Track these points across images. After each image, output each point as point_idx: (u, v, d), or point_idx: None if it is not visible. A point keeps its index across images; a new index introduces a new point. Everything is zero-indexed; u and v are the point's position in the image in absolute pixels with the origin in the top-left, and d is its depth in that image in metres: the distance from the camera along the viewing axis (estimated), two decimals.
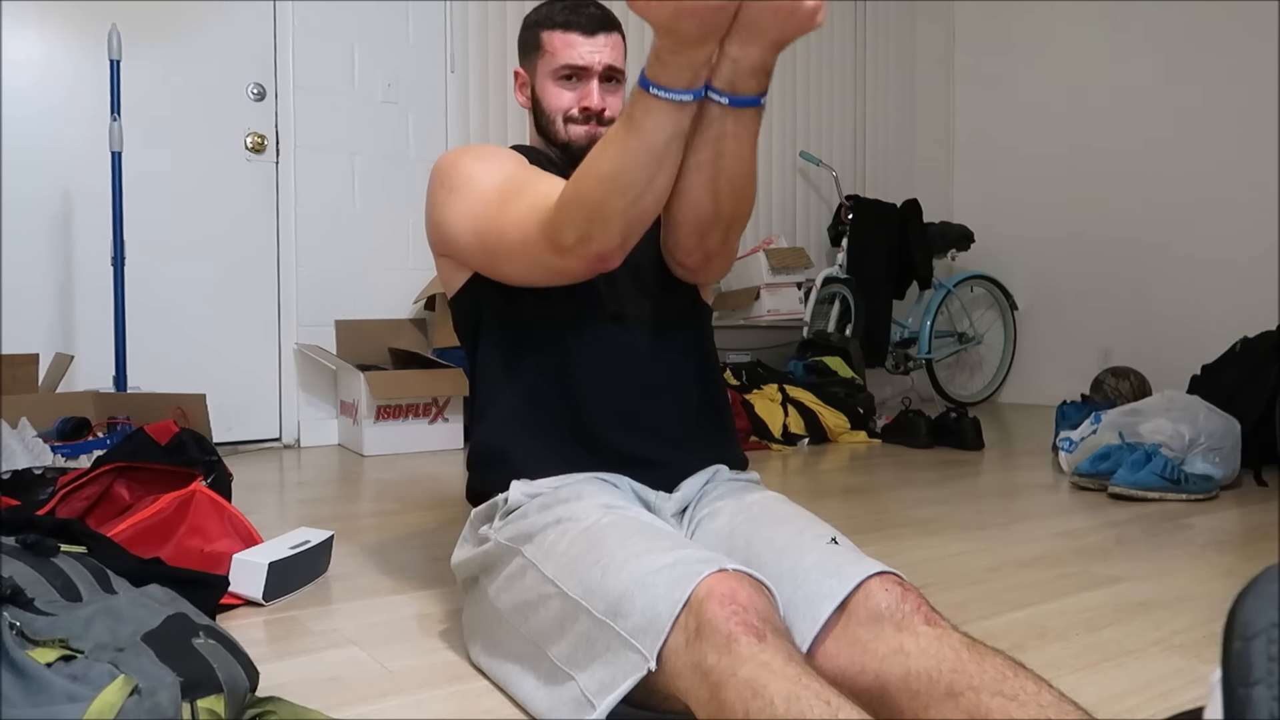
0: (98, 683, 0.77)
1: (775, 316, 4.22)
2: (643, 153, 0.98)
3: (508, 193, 1.15)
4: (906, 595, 0.89)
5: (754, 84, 0.98)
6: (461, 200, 1.20)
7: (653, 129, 0.97)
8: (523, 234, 1.10)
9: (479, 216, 1.17)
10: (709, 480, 1.19)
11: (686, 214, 1.10)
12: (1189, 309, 4.31)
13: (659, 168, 1.00)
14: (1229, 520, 2.10)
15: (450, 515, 2.13)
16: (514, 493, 1.13)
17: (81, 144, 3.02)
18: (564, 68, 1.28)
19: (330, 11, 3.45)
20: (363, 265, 3.55)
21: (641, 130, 0.97)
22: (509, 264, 1.16)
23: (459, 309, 1.31)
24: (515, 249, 1.12)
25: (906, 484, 2.59)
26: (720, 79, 0.98)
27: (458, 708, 1.05)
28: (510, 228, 1.12)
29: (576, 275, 1.10)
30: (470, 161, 1.23)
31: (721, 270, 1.23)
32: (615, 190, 1.00)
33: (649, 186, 1.01)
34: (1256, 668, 0.56)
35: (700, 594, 0.82)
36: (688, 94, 0.96)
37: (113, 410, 2.65)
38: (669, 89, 0.95)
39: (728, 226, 1.12)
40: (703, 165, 1.04)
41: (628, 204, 1.01)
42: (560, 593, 0.95)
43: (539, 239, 1.07)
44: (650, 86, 0.96)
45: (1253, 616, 0.58)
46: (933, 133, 5.33)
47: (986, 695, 0.78)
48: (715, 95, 0.99)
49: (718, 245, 1.15)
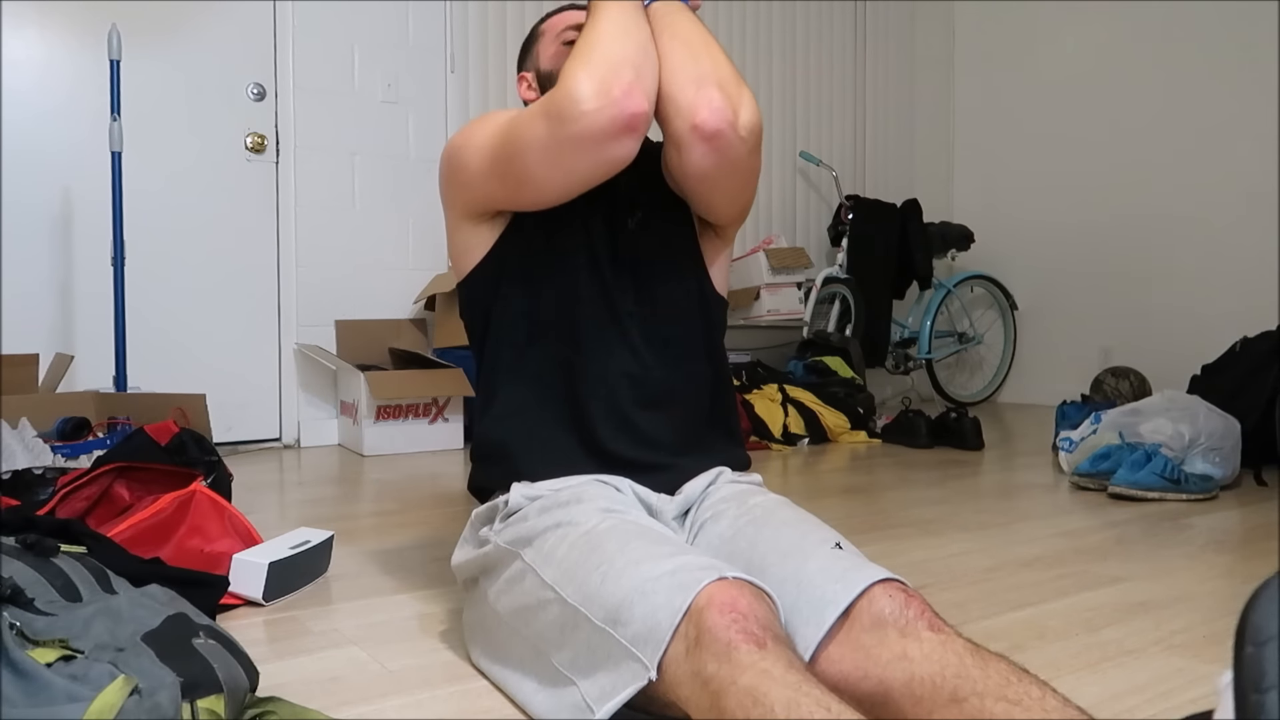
0: (98, 683, 0.77)
1: (775, 316, 4.22)
2: (614, 11, 1.12)
3: (519, 112, 1.17)
4: (910, 601, 0.89)
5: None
6: (478, 133, 1.20)
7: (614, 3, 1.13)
8: (539, 109, 1.09)
9: (496, 134, 1.17)
10: (711, 483, 1.19)
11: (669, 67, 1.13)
12: (1189, 309, 4.31)
13: (634, 17, 1.13)
14: (1229, 520, 2.10)
15: (450, 515, 2.13)
16: (514, 495, 1.13)
17: (81, 144, 3.02)
18: (567, 29, 1.31)
19: (330, 11, 3.45)
20: (363, 265, 3.55)
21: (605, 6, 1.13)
22: (535, 158, 1.11)
23: (467, 295, 1.29)
24: (537, 130, 1.09)
25: (906, 484, 2.59)
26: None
27: (458, 708, 1.05)
28: (526, 119, 1.12)
29: (603, 127, 1.05)
30: (483, 118, 1.25)
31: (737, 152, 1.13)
32: (606, 34, 1.09)
33: (634, 26, 1.11)
34: (1269, 673, 0.56)
35: (700, 602, 0.82)
36: None
37: (113, 410, 2.65)
38: None
39: (720, 77, 1.11)
40: (664, 31, 1.16)
41: (622, 38, 1.08)
42: (560, 598, 0.95)
43: (557, 104, 1.06)
44: None
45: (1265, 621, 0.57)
46: (933, 133, 5.33)
47: (990, 700, 0.78)
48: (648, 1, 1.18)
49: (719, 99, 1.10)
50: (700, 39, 1.16)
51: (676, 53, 1.14)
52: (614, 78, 1.05)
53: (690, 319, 1.26)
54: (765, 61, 4.68)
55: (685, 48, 1.14)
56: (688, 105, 1.10)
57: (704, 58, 1.14)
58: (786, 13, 4.75)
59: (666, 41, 1.15)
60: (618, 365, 1.19)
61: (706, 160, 1.12)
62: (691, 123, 1.10)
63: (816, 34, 4.88)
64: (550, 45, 1.33)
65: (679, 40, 1.15)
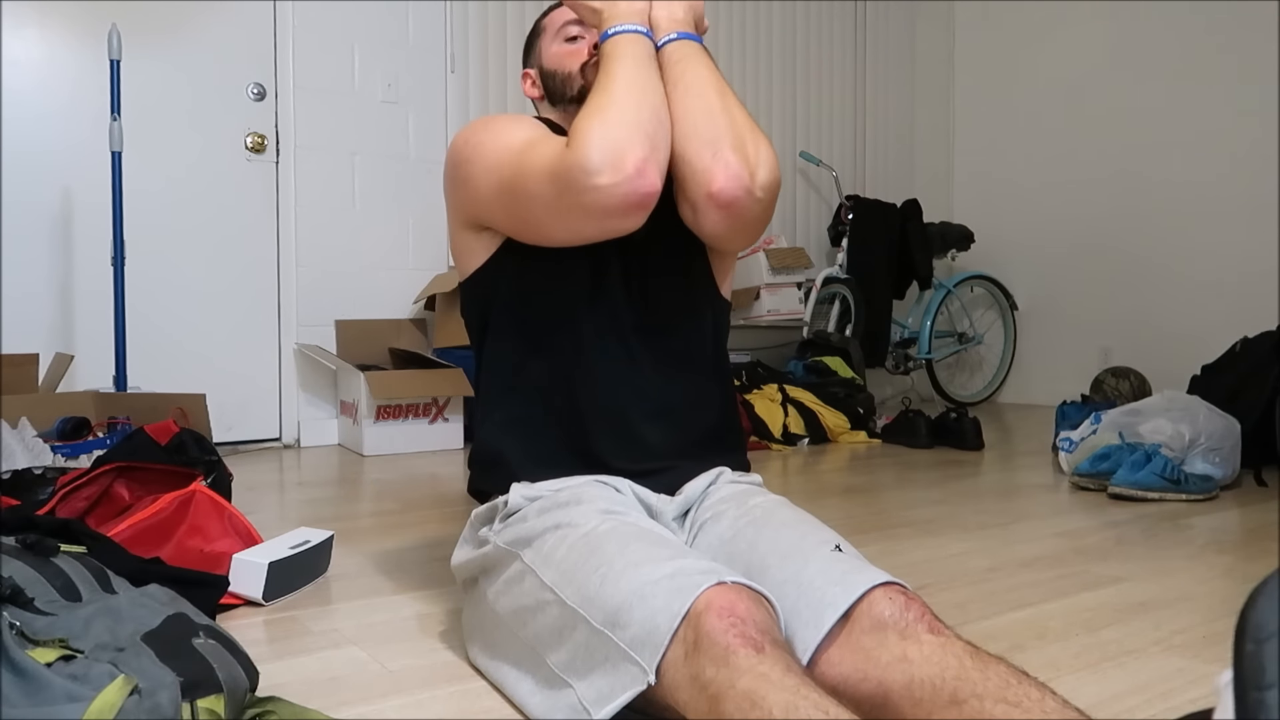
0: (98, 683, 0.77)
1: (775, 316, 4.22)
2: (628, 64, 1.11)
3: (532, 141, 1.13)
4: (910, 604, 0.89)
5: (687, 28, 1.19)
6: (487, 152, 1.17)
7: (626, 50, 1.12)
8: (549, 168, 1.06)
9: (504, 165, 1.13)
10: (711, 483, 1.19)
11: (685, 127, 1.11)
12: (1189, 309, 4.31)
13: (647, 71, 1.12)
14: (1229, 520, 2.10)
15: (450, 515, 2.13)
16: (514, 495, 1.13)
17: (81, 144, 3.02)
18: (567, 25, 1.29)
19: (330, 11, 3.45)
20: (363, 265, 3.55)
21: (618, 54, 1.12)
22: (540, 212, 1.10)
23: (468, 296, 1.28)
24: (543, 191, 1.07)
25: (906, 484, 2.59)
26: (660, 32, 1.19)
27: (458, 708, 1.05)
28: (534, 169, 1.09)
29: (613, 204, 1.03)
30: (494, 120, 1.22)
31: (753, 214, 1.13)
32: (622, 95, 1.07)
33: (649, 87, 1.10)
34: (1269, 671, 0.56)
35: (699, 606, 0.82)
36: (639, 26, 1.15)
37: (113, 410, 2.65)
38: (620, 25, 1.15)
39: (736, 137, 1.10)
40: (678, 83, 1.15)
41: (637, 103, 1.07)
42: (558, 600, 0.95)
43: (567, 170, 1.03)
44: (609, 32, 1.15)
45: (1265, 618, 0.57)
46: (933, 133, 5.33)
47: (990, 703, 0.78)
48: (662, 42, 1.18)
49: (736, 165, 1.09)
50: (715, 90, 1.13)
51: (692, 110, 1.11)
52: (628, 151, 1.02)
53: (697, 328, 1.24)
54: (765, 61, 4.68)
55: (700, 103, 1.12)
56: (704, 171, 1.09)
57: (719, 114, 1.11)
58: (786, 13, 4.75)
59: (680, 96, 1.12)
60: (621, 376, 1.18)
61: (721, 225, 1.13)
62: (707, 190, 1.09)
63: (816, 34, 4.88)
64: (552, 43, 1.30)
65: (694, 95, 1.12)
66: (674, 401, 1.20)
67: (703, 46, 1.19)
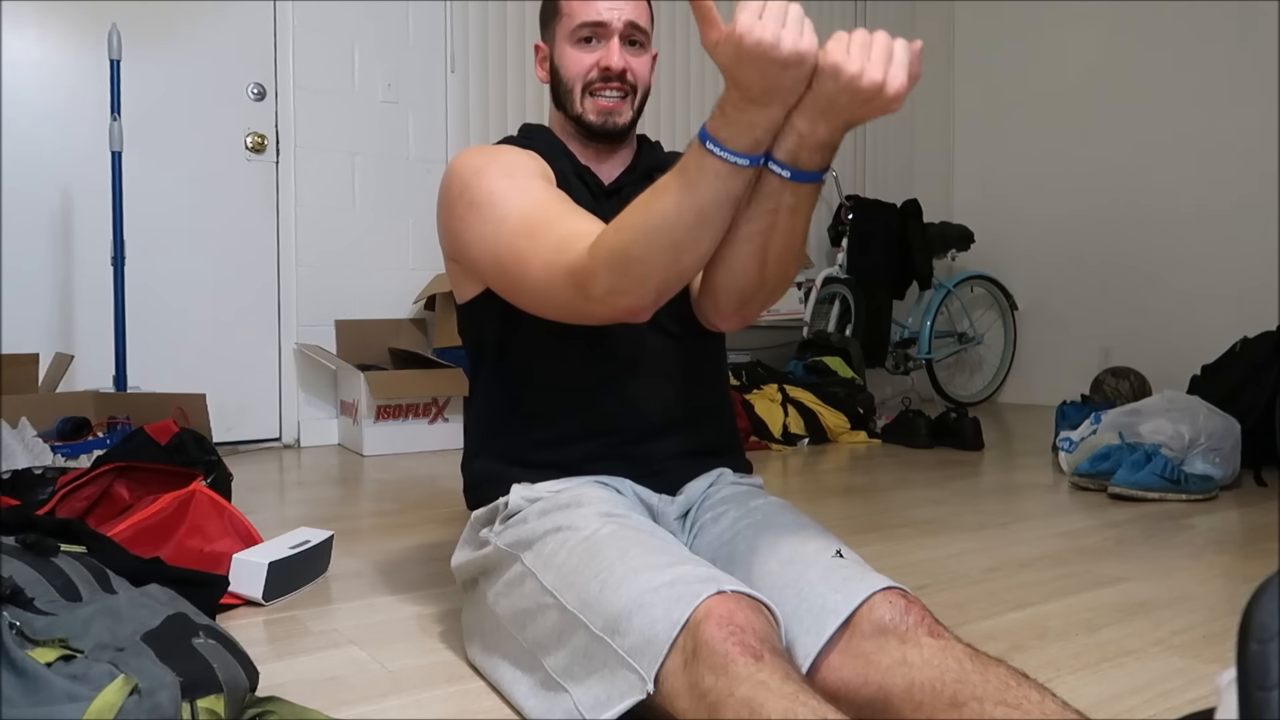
0: (98, 682, 0.77)
1: (775, 316, 4.22)
2: (691, 211, 0.92)
3: (535, 225, 1.05)
4: (910, 608, 0.89)
5: (819, 159, 0.93)
6: (483, 219, 1.10)
7: (706, 188, 0.91)
8: (549, 275, 1.01)
9: (501, 243, 1.08)
10: (712, 483, 1.19)
11: (730, 283, 1.06)
12: (1189, 309, 4.30)
13: (706, 229, 0.94)
14: (1229, 520, 2.10)
15: (450, 515, 2.13)
16: (514, 496, 1.13)
17: (81, 144, 3.02)
18: (582, 26, 1.18)
19: (330, 11, 3.45)
20: (363, 265, 3.55)
21: (694, 188, 0.91)
22: (529, 299, 1.08)
23: (464, 319, 1.28)
24: (539, 288, 1.04)
25: (906, 484, 2.59)
26: (782, 150, 0.92)
27: (458, 708, 1.05)
28: (535, 265, 1.03)
29: (600, 321, 1.03)
30: (495, 176, 1.12)
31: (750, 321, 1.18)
32: (658, 247, 0.93)
33: (693, 247, 0.95)
34: (1273, 670, 0.56)
35: (699, 615, 0.82)
36: (745, 158, 0.90)
37: (113, 410, 2.64)
38: (728, 148, 0.89)
39: (769, 295, 1.09)
40: (754, 236, 0.99)
41: (668, 262, 0.94)
42: (558, 604, 0.95)
43: (566, 283, 0.99)
44: (708, 141, 0.90)
45: (1269, 618, 0.57)
46: (933, 133, 5.33)
47: (990, 705, 0.78)
48: (776, 167, 0.93)
49: (755, 312, 1.12)
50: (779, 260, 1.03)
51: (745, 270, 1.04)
52: (635, 296, 0.96)
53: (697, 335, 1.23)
54: None
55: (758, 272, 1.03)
56: (724, 315, 1.14)
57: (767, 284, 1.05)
58: None
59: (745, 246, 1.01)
60: (622, 385, 1.17)
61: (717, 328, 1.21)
62: (712, 322, 1.18)
63: (816, 34, 4.87)
64: (563, 41, 1.20)
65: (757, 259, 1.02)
66: (676, 408, 1.20)
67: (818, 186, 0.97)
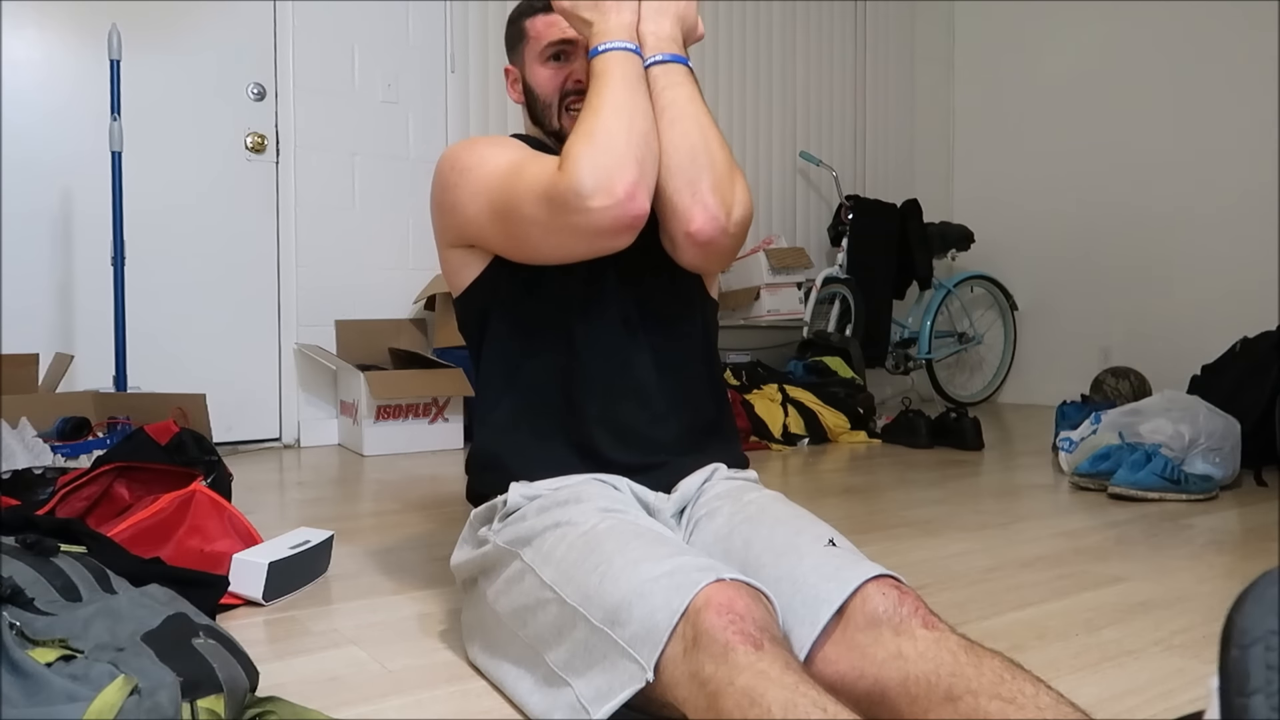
0: (98, 682, 0.77)
1: (775, 316, 4.22)
2: (619, 86, 1.11)
3: (519, 163, 1.14)
4: (904, 598, 0.89)
5: (674, 48, 1.19)
6: (475, 178, 1.18)
7: (616, 69, 1.12)
8: (541, 189, 1.08)
9: (494, 189, 1.15)
10: (707, 479, 1.19)
11: (668, 161, 1.12)
12: (1189, 309, 4.31)
13: (637, 94, 1.12)
14: (1229, 520, 2.10)
15: (450, 515, 2.13)
16: (513, 494, 1.13)
17: (81, 144, 3.02)
18: (549, 46, 1.27)
19: (330, 11, 3.45)
20: (363, 265, 3.55)
21: (609, 74, 1.12)
22: (533, 232, 1.12)
23: (464, 310, 1.29)
24: (537, 213, 1.10)
25: (906, 484, 2.59)
26: (648, 50, 1.18)
27: (458, 708, 1.05)
28: (526, 191, 1.10)
29: (605, 225, 1.06)
30: (477, 144, 1.23)
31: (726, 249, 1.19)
32: (612, 120, 1.08)
33: (638, 111, 1.10)
34: (1254, 676, 0.55)
35: (698, 604, 0.82)
36: (630, 44, 1.15)
37: (113, 410, 2.65)
38: (611, 43, 1.14)
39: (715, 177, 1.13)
40: (664, 111, 1.15)
41: (627, 128, 1.08)
42: (558, 598, 0.95)
43: (559, 193, 1.06)
44: (599, 48, 1.14)
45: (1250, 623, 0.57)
46: (933, 133, 5.33)
47: (985, 698, 0.78)
48: (649, 62, 1.17)
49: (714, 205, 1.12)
50: (697, 124, 1.15)
51: (674, 144, 1.13)
52: (618, 176, 1.05)
53: (689, 326, 1.26)
54: (765, 61, 4.68)
55: (683, 138, 1.13)
56: (683, 210, 1.13)
57: (700, 151, 1.13)
58: (786, 13, 4.75)
59: (664, 128, 1.14)
60: (616, 373, 1.19)
61: (697, 259, 1.18)
62: (685, 230, 1.14)
63: (816, 34, 4.88)
64: (536, 59, 1.29)
65: (677, 128, 1.14)
66: (669, 397, 1.21)
67: (689, 70, 1.19)
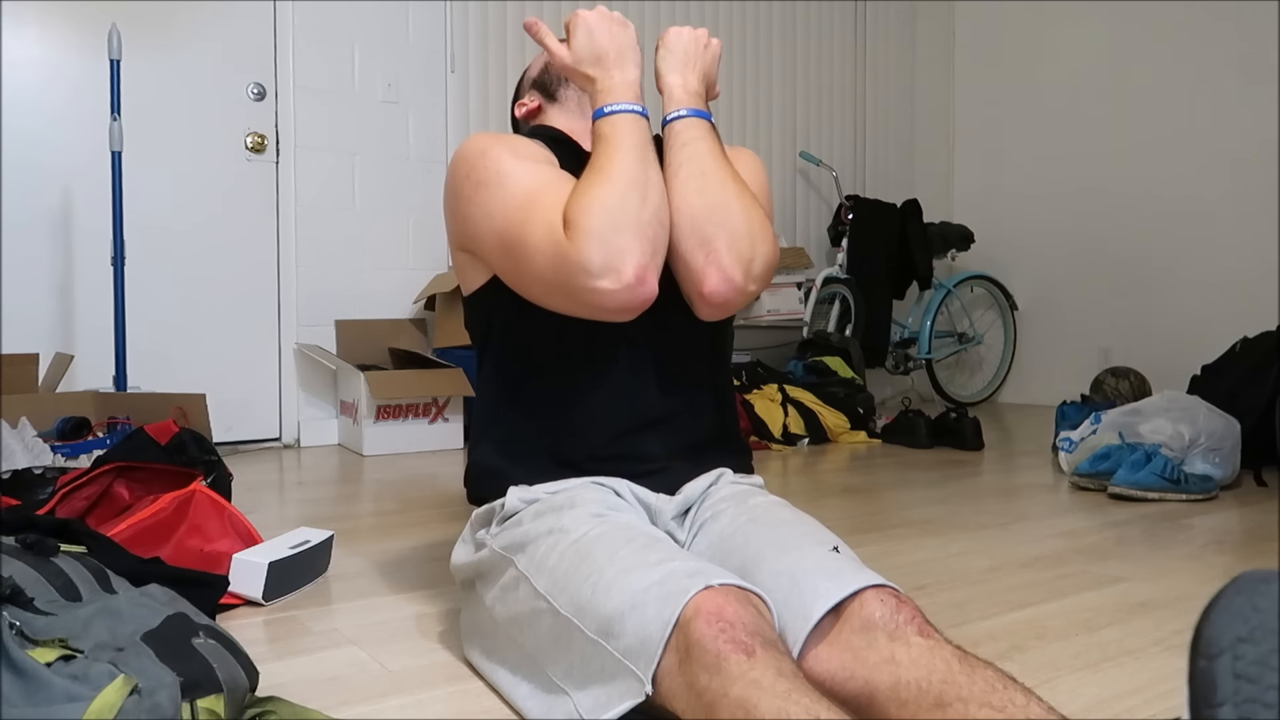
0: (97, 682, 0.77)
1: (775, 316, 4.22)
2: (632, 157, 1.05)
3: (534, 198, 1.08)
4: (901, 607, 0.89)
5: (698, 104, 1.14)
6: (489, 198, 1.11)
7: (628, 137, 1.06)
8: (549, 252, 1.03)
9: (507, 224, 1.09)
10: (712, 483, 1.18)
11: (683, 221, 1.08)
12: (1189, 309, 4.31)
13: (650, 167, 1.06)
14: (1229, 520, 2.10)
15: (450, 515, 2.13)
16: (511, 498, 1.13)
17: (81, 144, 3.02)
18: None
19: (330, 11, 3.45)
20: (363, 265, 3.55)
21: (619, 141, 1.06)
22: (535, 288, 1.08)
23: (470, 311, 1.27)
24: (543, 272, 1.05)
25: (906, 484, 2.59)
26: (673, 104, 1.14)
27: (457, 708, 1.05)
28: (535, 245, 1.04)
29: (612, 306, 1.02)
30: (501, 156, 1.13)
31: (744, 304, 1.15)
32: (626, 194, 1.02)
33: (651, 186, 1.05)
34: (1222, 687, 0.54)
35: (688, 613, 0.82)
36: (638, 106, 1.09)
37: (113, 410, 2.64)
38: (619, 104, 1.09)
39: (731, 236, 1.08)
40: (683, 166, 1.10)
41: (640, 204, 1.02)
42: (552, 609, 0.95)
43: (566, 265, 1.01)
44: (604, 110, 1.09)
45: (1217, 633, 0.56)
46: (933, 133, 5.33)
47: (975, 707, 0.78)
48: (671, 116, 1.13)
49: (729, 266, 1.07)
50: (717, 181, 1.09)
51: (691, 203, 1.08)
52: (630, 257, 1.00)
53: (695, 337, 1.22)
54: (765, 61, 4.68)
55: (699, 197, 1.08)
56: (697, 270, 1.08)
57: (718, 209, 1.08)
58: (786, 13, 4.75)
59: (680, 186, 1.08)
60: (621, 386, 1.17)
61: (712, 315, 1.14)
62: (699, 290, 1.09)
63: (816, 34, 4.88)
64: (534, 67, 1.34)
65: (694, 186, 1.08)
66: (674, 410, 1.19)
67: (712, 125, 1.13)
